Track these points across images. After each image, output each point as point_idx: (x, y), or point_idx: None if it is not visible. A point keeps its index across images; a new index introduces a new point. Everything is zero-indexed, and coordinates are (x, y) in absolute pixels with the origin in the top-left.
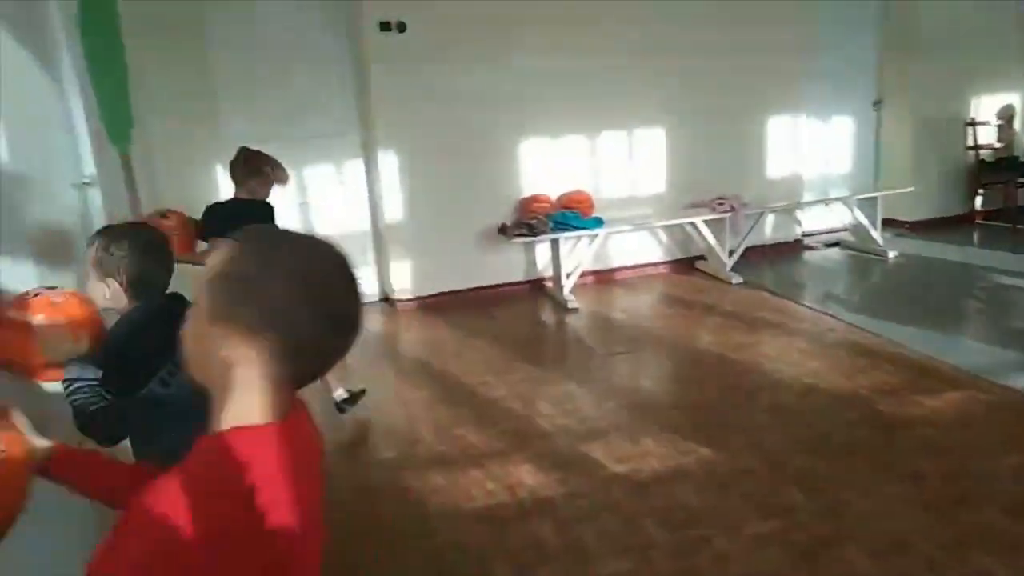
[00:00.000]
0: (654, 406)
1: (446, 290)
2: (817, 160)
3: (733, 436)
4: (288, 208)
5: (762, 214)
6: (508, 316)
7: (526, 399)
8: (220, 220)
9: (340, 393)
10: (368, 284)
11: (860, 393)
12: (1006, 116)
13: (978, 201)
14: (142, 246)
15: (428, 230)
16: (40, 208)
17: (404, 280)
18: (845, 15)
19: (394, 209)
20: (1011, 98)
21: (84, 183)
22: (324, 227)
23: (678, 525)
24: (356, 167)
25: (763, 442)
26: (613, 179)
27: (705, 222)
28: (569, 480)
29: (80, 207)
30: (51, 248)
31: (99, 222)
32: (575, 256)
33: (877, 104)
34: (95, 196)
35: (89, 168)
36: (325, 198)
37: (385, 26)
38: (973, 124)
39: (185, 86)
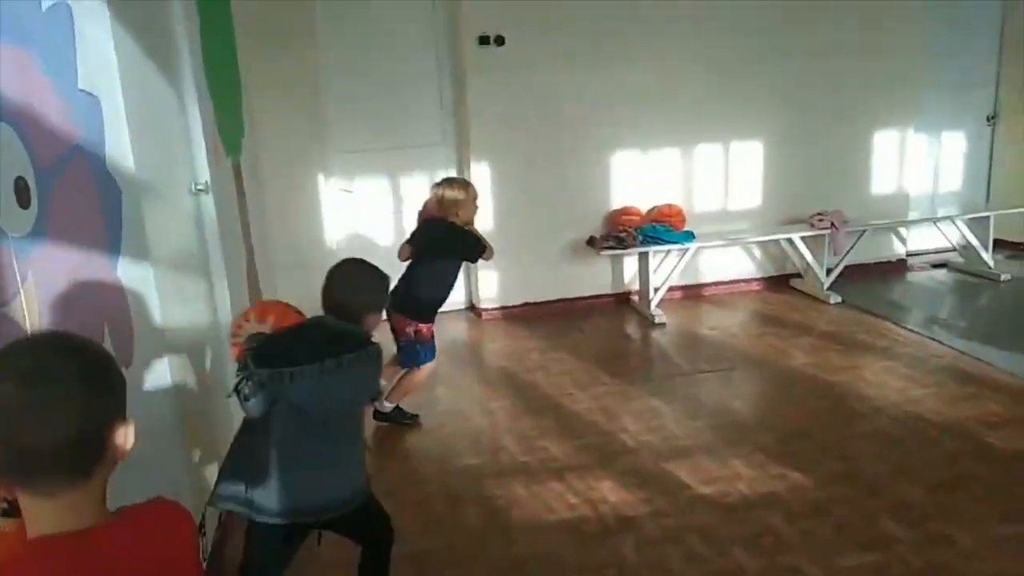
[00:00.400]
0: (743, 427)
1: (532, 301)
2: (925, 176)
3: (828, 462)
4: (383, 216)
5: (864, 231)
6: (594, 329)
7: (610, 413)
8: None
9: (387, 405)
10: (456, 293)
11: (966, 424)
12: None
13: None
14: None
15: (517, 240)
16: (160, 213)
17: (491, 289)
18: (961, 19)
19: (484, 219)
20: None
21: (199, 190)
22: None
23: (767, 551)
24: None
25: (860, 470)
26: (706, 193)
27: (802, 238)
28: (653, 499)
29: (195, 212)
30: (169, 252)
31: (212, 227)
32: (664, 270)
33: (991, 118)
34: (208, 203)
35: (204, 175)
36: (419, 207)
37: (484, 40)
38: None
39: (293, 92)
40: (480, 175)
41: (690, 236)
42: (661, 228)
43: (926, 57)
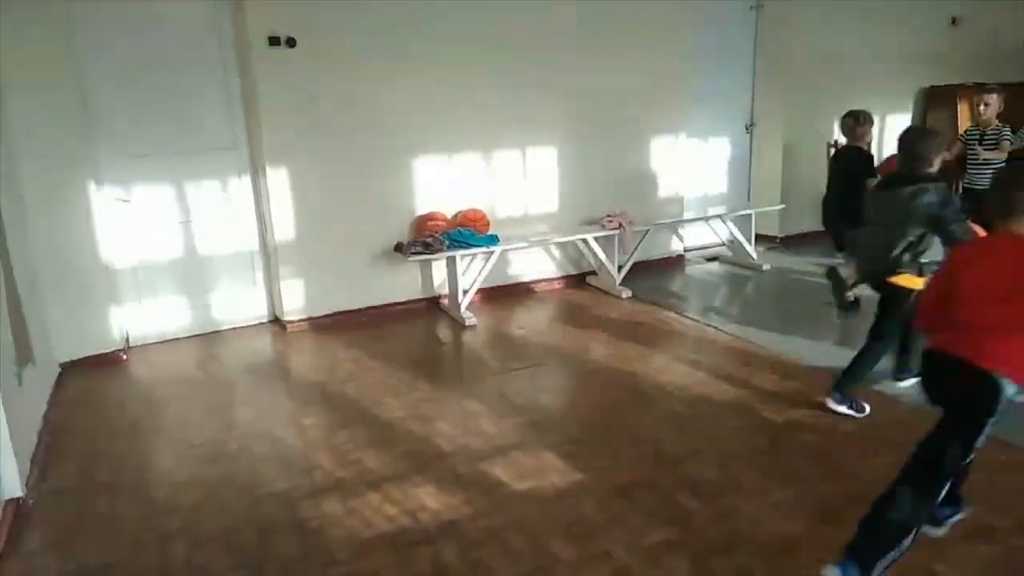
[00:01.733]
0: (553, 421)
1: (340, 310)
2: (698, 179)
3: (630, 447)
4: (168, 225)
5: (648, 230)
6: (405, 335)
7: (425, 419)
8: None
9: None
10: (256, 306)
11: (745, 401)
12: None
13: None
14: None
15: (321, 248)
16: None
17: (296, 300)
18: (722, 44)
19: (284, 227)
20: None
21: None
22: (207, 246)
23: (580, 539)
24: (243, 184)
25: (659, 452)
26: (508, 197)
27: (595, 239)
28: (472, 500)
29: None
30: None
31: None
32: (471, 273)
33: (749, 127)
34: None
35: None
36: (208, 215)
37: (274, 40)
38: (835, 146)
39: (52, 91)
40: (276, 182)
41: (494, 239)
42: (467, 232)
43: (693, 75)
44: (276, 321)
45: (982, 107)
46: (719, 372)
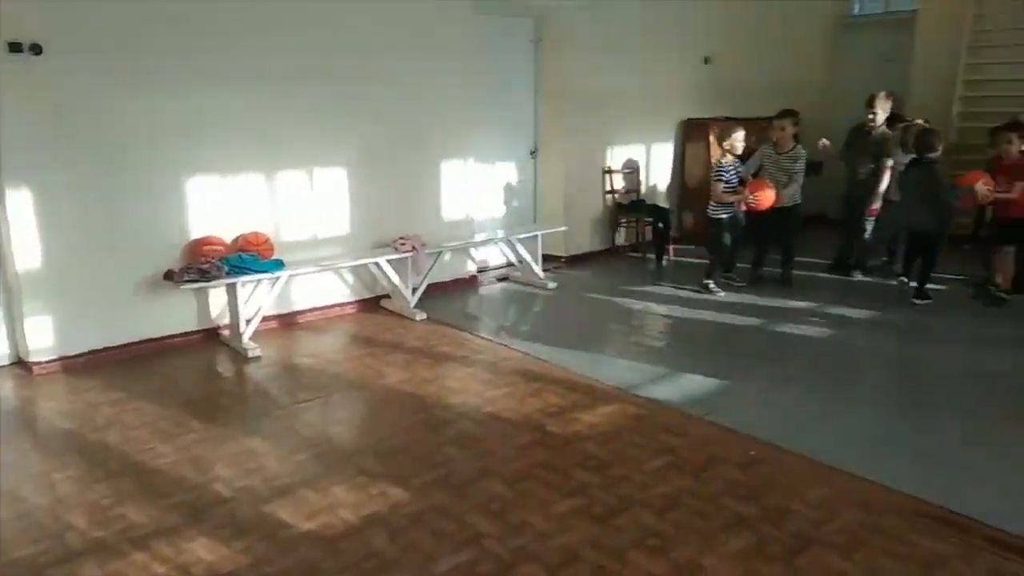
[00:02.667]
0: (344, 452)
1: (100, 347)
2: (487, 202)
3: (423, 471)
4: None
5: (440, 252)
6: (178, 371)
7: (201, 463)
8: None
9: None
10: None
11: (532, 416)
12: (632, 167)
13: (618, 236)
14: None
15: (75, 279)
16: None
17: (44, 339)
18: (507, 75)
19: (28, 255)
20: (636, 150)
21: None
22: None
23: (371, 575)
24: None
25: (450, 474)
26: (295, 220)
27: (388, 261)
28: (252, 547)
29: None
30: None
31: None
32: (255, 301)
33: (533, 153)
34: None
35: None
36: None
37: (15, 47)
38: (609, 172)
39: None
40: (18, 205)
41: (280, 264)
42: (248, 257)
43: (480, 100)
44: (20, 363)
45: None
46: (511, 390)
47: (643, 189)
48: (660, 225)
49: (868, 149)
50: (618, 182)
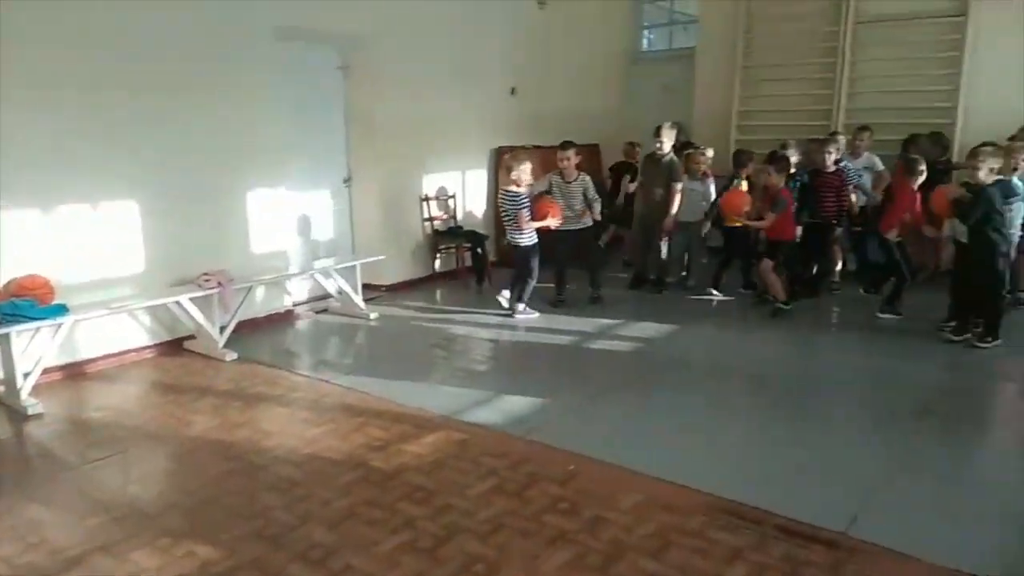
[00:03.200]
0: (145, 512)
1: None
2: (302, 232)
3: (236, 524)
4: None
5: (251, 287)
6: None
7: None
8: None
9: None
10: None
11: (356, 453)
12: (448, 194)
13: (437, 263)
14: None
15: None
16: None
17: None
18: (316, 102)
19: None
20: (452, 177)
21: None
22: None
23: None
24: None
25: (269, 524)
26: (81, 261)
27: (191, 299)
28: None
29: None
30: None
31: None
32: (34, 352)
33: (347, 181)
34: None
35: None
36: None
37: None
38: (426, 199)
39: None
40: None
41: (62, 309)
42: (24, 304)
43: (289, 128)
44: None
45: (564, 161)
46: (332, 427)
47: (460, 215)
48: (478, 251)
49: (660, 175)
50: (435, 209)
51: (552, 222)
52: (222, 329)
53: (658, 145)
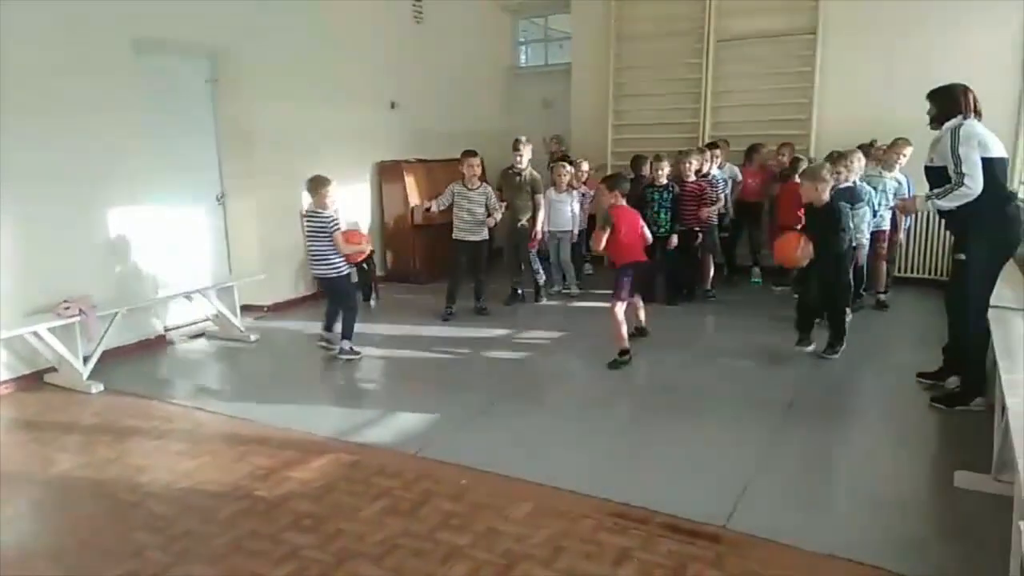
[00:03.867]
0: (17, 563)
1: None
2: (173, 253)
3: (109, 567)
4: None
5: (117, 313)
6: None
7: None
8: None
9: None
10: None
11: (239, 483)
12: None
13: None
14: None
15: None
16: None
17: None
18: (183, 116)
19: None
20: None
21: None
22: None
23: None
24: None
25: (142, 565)
26: None
27: (50, 330)
28: None
29: None
30: None
31: None
32: None
33: (220, 198)
34: None
35: None
36: None
37: None
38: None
39: None
40: None
41: None
42: None
43: (153, 143)
44: None
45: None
46: (212, 459)
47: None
48: (365, 266)
49: (521, 189)
50: None
51: (366, 247)
52: (86, 360)
53: (517, 159)
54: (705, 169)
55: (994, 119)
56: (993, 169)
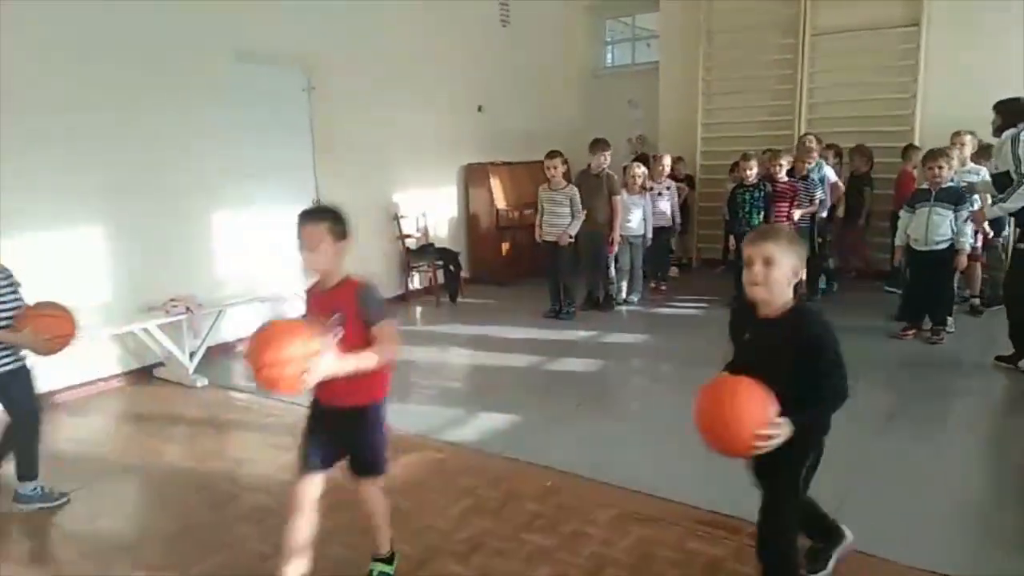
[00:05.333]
0: (121, 549)
1: None
2: (271, 254)
3: (208, 557)
4: None
5: (221, 311)
6: None
7: None
8: None
9: None
10: None
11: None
12: (420, 212)
13: (411, 281)
14: None
15: None
16: None
17: None
18: (280, 122)
19: None
20: (422, 195)
21: None
22: None
23: None
24: None
25: (241, 555)
26: (38, 289)
27: (159, 326)
28: None
29: None
30: None
31: None
32: None
33: (316, 202)
34: None
35: None
36: None
37: None
38: (397, 218)
39: None
40: None
41: None
42: None
43: (248, 152)
44: None
45: (552, 170)
46: None
47: (432, 233)
48: (451, 268)
49: (598, 189)
50: (407, 227)
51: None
52: (192, 355)
53: (599, 160)
54: (803, 169)
55: None
56: None
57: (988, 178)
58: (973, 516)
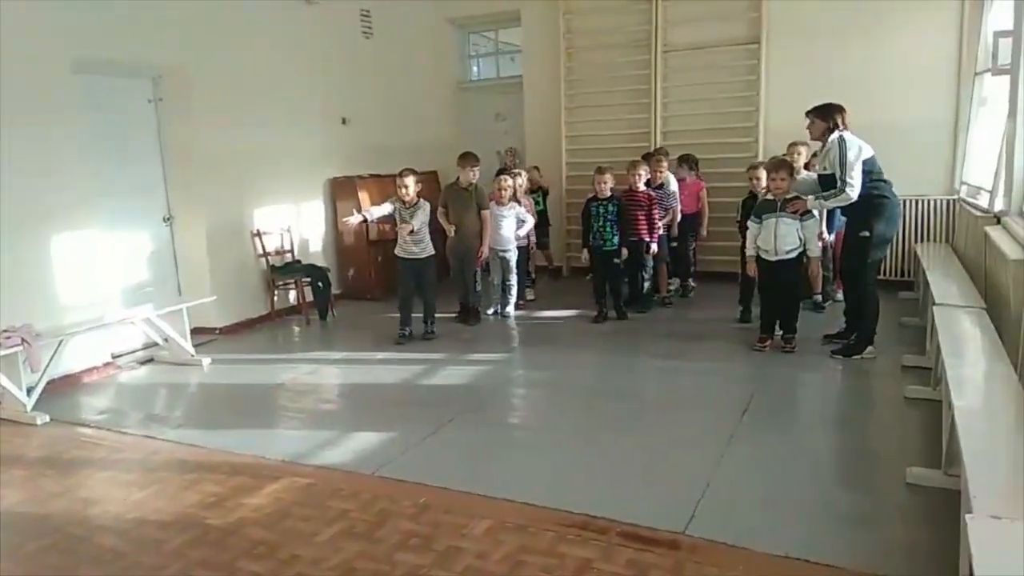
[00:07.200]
0: None
1: None
2: (120, 277)
3: None
4: None
5: (62, 341)
6: None
7: None
8: None
9: None
10: None
11: (188, 512)
12: (283, 227)
13: (277, 300)
14: None
15: None
16: None
17: None
18: (126, 137)
19: None
20: (286, 210)
21: None
22: None
23: None
24: None
25: None
26: None
27: None
28: None
29: None
30: None
31: None
32: None
33: (168, 219)
34: None
35: None
36: None
37: None
38: (258, 234)
39: None
40: None
41: None
42: None
43: (93, 167)
44: None
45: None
46: (160, 487)
47: (299, 249)
48: (319, 284)
49: (470, 203)
50: (271, 244)
51: None
52: (30, 390)
53: (472, 174)
54: (658, 180)
55: (933, 123)
56: (874, 166)
57: (808, 176)
58: (817, 499)
